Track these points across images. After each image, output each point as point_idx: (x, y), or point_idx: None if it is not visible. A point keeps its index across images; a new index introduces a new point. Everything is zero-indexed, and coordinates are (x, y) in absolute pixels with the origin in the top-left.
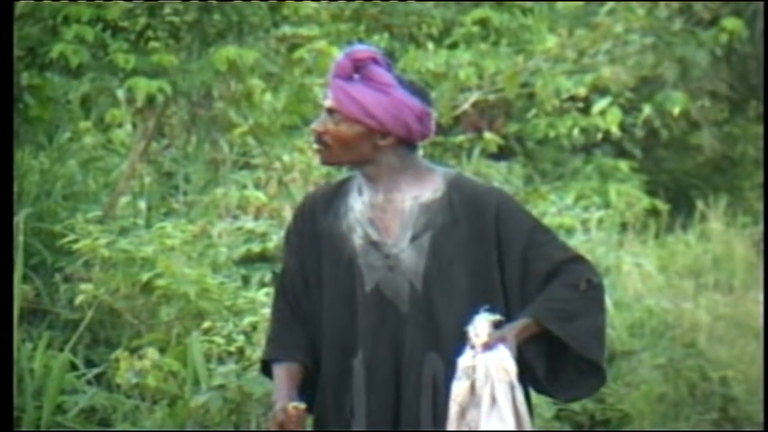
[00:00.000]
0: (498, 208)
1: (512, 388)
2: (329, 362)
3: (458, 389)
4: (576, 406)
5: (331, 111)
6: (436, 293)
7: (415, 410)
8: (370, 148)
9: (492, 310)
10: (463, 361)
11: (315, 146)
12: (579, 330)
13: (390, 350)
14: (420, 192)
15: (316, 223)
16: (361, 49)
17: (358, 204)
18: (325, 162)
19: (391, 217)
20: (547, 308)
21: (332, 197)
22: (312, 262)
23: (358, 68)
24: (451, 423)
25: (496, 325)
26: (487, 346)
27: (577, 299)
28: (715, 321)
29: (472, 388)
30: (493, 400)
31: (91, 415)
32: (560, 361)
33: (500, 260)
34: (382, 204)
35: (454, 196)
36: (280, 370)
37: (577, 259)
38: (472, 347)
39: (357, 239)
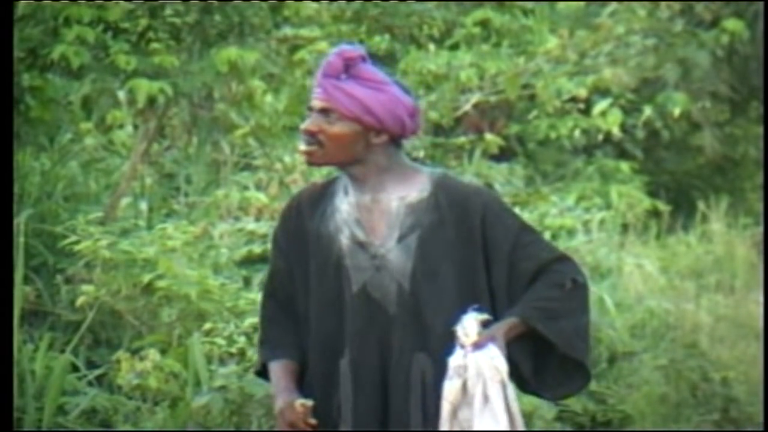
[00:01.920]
0: (484, 210)
1: (504, 386)
2: (316, 363)
3: (450, 388)
4: (577, 406)
5: (325, 111)
6: (423, 293)
7: (405, 410)
8: (363, 147)
9: (480, 310)
10: (454, 360)
11: (306, 147)
12: (564, 329)
13: (377, 351)
14: (406, 192)
15: (302, 224)
16: (351, 48)
17: (345, 205)
18: (314, 163)
19: (377, 217)
20: (533, 308)
21: (319, 198)
22: (299, 263)
23: (348, 67)
24: (444, 422)
25: (484, 325)
26: (477, 345)
27: (562, 299)
28: (716, 322)
29: (464, 387)
30: (486, 398)
31: (92, 416)
32: (546, 360)
33: (487, 262)
34: (368, 204)
35: (440, 197)
36: (277, 368)
37: (563, 259)
38: (462, 346)
39: (344, 240)
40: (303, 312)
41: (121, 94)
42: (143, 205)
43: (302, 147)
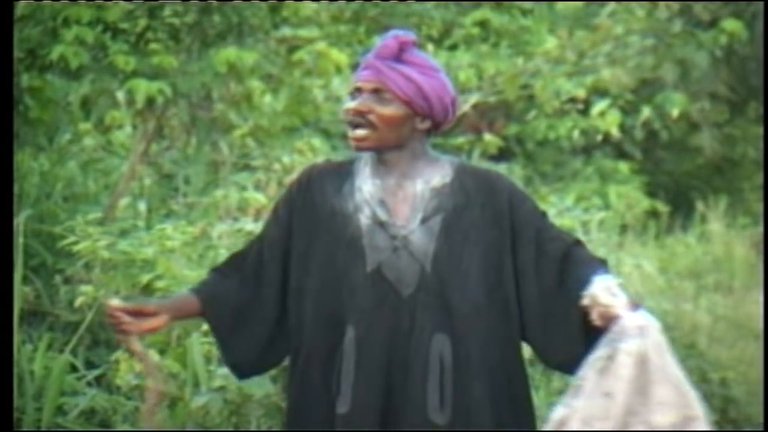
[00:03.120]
0: (510, 193)
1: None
2: (317, 340)
3: (635, 347)
4: None
5: (377, 91)
6: (446, 275)
7: (422, 391)
8: (408, 131)
9: (611, 275)
10: (631, 320)
11: (357, 132)
12: None
13: (386, 331)
14: (430, 177)
15: (311, 198)
16: (405, 33)
17: (368, 185)
18: (365, 148)
19: (401, 200)
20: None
21: (333, 176)
22: (301, 237)
23: (401, 51)
24: (622, 378)
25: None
26: (636, 305)
27: None
28: (715, 322)
29: (642, 347)
30: (664, 360)
31: (91, 416)
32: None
33: (513, 244)
34: (393, 188)
35: (465, 181)
36: (184, 294)
37: (581, 242)
38: (614, 308)
39: (364, 219)
40: (296, 286)
41: (120, 95)
42: (142, 206)
43: (352, 132)
